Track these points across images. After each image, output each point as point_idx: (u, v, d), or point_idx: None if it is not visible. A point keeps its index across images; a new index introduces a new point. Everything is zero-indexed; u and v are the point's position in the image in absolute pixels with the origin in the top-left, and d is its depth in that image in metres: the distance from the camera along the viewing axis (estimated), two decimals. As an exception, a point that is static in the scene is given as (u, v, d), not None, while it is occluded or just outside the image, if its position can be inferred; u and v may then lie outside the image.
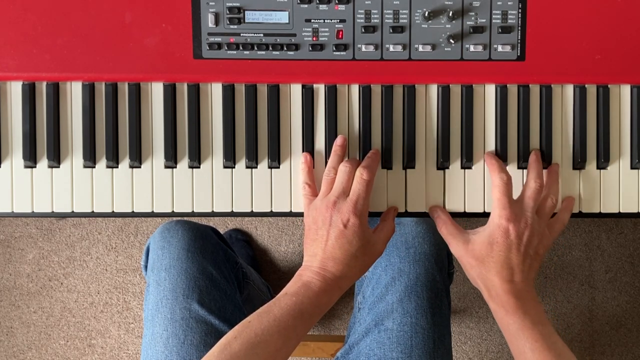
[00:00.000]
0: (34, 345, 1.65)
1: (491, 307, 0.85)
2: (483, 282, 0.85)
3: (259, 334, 0.77)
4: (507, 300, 0.82)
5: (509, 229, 0.83)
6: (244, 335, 0.77)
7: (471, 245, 0.85)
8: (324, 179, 0.86)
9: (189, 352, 0.93)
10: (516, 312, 0.81)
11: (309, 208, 0.85)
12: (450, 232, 0.87)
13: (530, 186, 0.86)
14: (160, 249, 1.01)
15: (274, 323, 0.78)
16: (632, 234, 1.66)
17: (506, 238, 0.83)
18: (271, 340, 0.77)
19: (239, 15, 0.87)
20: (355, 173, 0.84)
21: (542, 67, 0.89)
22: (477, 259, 0.84)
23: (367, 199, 0.84)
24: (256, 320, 0.78)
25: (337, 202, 0.83)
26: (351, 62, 0.88)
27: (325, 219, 0.83)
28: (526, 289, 0.83)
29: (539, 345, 0.79)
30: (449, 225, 0.88)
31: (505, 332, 0.83)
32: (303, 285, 0.82)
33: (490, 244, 0.83)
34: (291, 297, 0.80)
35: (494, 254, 0.83)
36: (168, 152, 0.89)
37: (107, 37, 0.87)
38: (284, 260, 1.65)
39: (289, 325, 0.78)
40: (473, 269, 0.85)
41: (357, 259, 0.83)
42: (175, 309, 0.96)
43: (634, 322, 1.66)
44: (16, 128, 0.89)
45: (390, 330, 0.95)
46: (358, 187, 0.84)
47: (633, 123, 0.91)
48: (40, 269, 1.65)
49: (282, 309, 0.79)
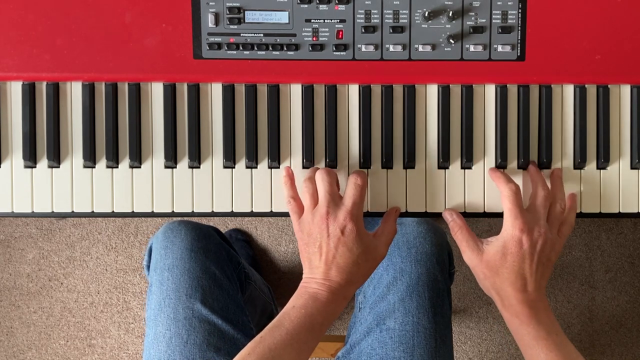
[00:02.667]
0: (34, 345, 1.65)
1: (505, 317, 0.85)
2: (497, 292, 0.85)
3: (272, 349, 0.77)
4: (521, 310, 0.82)
5: (522, 239, 0.83)
6: (257, 351, 0.77)
7: (485, 256, 0.85)
8: (303, 191, 0.85)
9: (192, 351, 0.93)
10: (530, 322, 0.82)
11: (300, 223, 0.85)
12: (466, 238, 0.87)
13: (539, 194, 0.86)
14: (164, 248, 1.01)
15: (286, 337, 0.78)
16: (632, 234, 1.66)
17: (520, 248, 0.83)
18: (285, 354, 0.77)
19: (239, 15, 0.87)
20: (332, 178, 0.84)
21: (542, 67, 0.89)
22: (491, 269, 0.84)
23: (361, 204, 0.84)
24: (268, 335, 0.78)
25: (329, 211, 0.82)
26: (351, 62, 0.88)
27: (321, 230, 0.82)
28: (539, 298, 0.83)
29: (553, 355, 0.80)
30: (465, 232, 0.87)
31: (520, 342, 0.83)
32: (310, 297, 0.82)
33: (504, 254, 0.83)
34: (300, 309, 0.81)
35: (508, 265, 0.83)
36: (168, 152, 0.89)
37: (107, 37, 0.87)
38: (284, 260, 1.65)
39: (301, 338, 0.79)
40: (487, 279, 0.85)
41: (359, 265, 0.83)
42: (178, 309, 0.96)
43: (634, 322, 1.66)
44: (16, 128, 0.89)
45: (392, 329, 0.95)
46: (352, 192, 0.83)
47: (633, 123, 0.91)
48: (40, 269, 1.65)
49: (293, 322, 0.79)
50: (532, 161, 0.90)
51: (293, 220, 0.86)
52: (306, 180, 0.86)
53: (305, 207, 0.85)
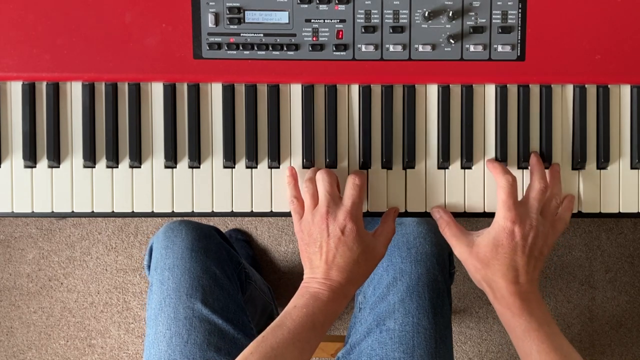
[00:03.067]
0: (34, 345, 1.65)
1: (497, 310, 0.85)
2: (488, 285, 0.85)
3: (275, 348, 0.77)
4: (513, 302, 0.82)
5: (514, 231, 0.82)
6: (260, 350, 0.77)
7: (476, 248, 0.85)
8: (304, 192, 0.86)
9: (192, 351, 0.93)
10: (522, 314, 0.81)
11: (301, 223, 0.85)
12: (454, 233, 0.87)
13: (535, 187, 0.86)
14: (164, 248, 1.01)
15: (288, 336, 0.79)
16: (632, 234, 1.66)
17: (511, 240, 0.82)
18: (287, 353, 0.78)
19: (239, 15, 0.87)
20: (332, 179, 0.85)
21: (542, 67, 0.89)
22: (482, 261, 0.84)
23: (360, 204, 0.84)
24: (270, 335, 0.79)
25: (329, 211, 0.82)
26: (351, 62, 0.88)
27: (321, 230, 0.82)
28: (531, 290, 0.83)
29: (545, 347, 0.79)
30: (452, 227, 0.87)
31: (512, 334, 0.83)
32: (311, 296, 0.82)
33: (496, 246, 0.83)
34: (301, 309, 0.81)
35: (499, 256, 0.83)
36: (168, 152, 0.89)
37: (107, 37, 0.87)
38: (284, 260, 1.65)
39: (303, 337, 0.79)
40: (478, 271, 0.85)
41: (359, 265, 0.83)
42: (179, 308, 0.96)
43: (634, 322, 1.66)
44: (16, 128, 0.89)
45: (392, 330, 0.95)
46: (351, 192, 0.84)
47: (633, 123, 0.91)
48: (40, 269, 1.65)
49: (294, 322, 0.80)
50: (534, 151, 0.90)
51: (294, 220, 0.86)
52: (306, 180, 0.86)
53: (305, 207, 0.85)
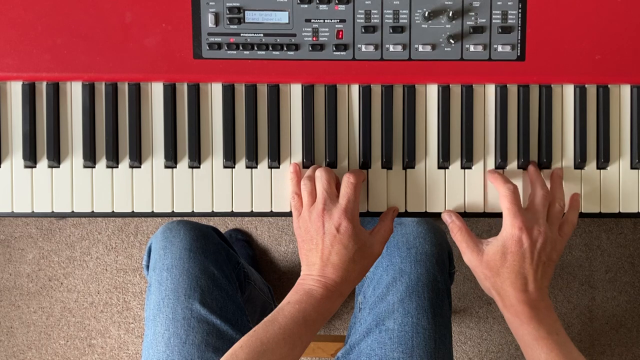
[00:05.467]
0: (34, 345, 1.65)
1: (506, 317, 0.85)
2: (497, 292, 0.85)
3: (264, 342, 0.78)
4: (522, 310, 0.82)
5: (522, 238, 0.82)
6: (250, 344, 0.77)
7: (485, 256, 0.85)
8: (302, 189, 0.86)
9: (190, 351, 0.93)
10: (531, 322, 0.81)
11: (299, 219, 0.86)
12: (465, 239, 0.87)
13: (538, 193, 0.86)
14: (163, 248, 1.01)
15: (279, 331, 0.79)
16: (632, 234, 1.66)
17: (520, 247, 0.82)
18: (277, 348, 0.78)
19: (239, 15, 0.87)
20: (331, 177, 0.85)
21: (542, 67, 0.89)
22: (491, 269, 0.84)
23: (356, 202, 0.84)
24: (262, 329, 0.79)
25: (325, 208, 0.83)
26: (351, 62, 0.88)
27: (317, 227, 0.83)
28: (540, 298, 0.83)
29: (554, 355, 0.79)
30: (464, 233, 0.87)
31: (521, 342, 0.83)
32: (305, 293, 0.82)
33: (504, 254, 0.83)
34: (294, 305, 0.81)
35: (508, 264, 0.83)
36: (168, 152, 0.89)
37: (107, 37, 0.87)
38: (284, 260, 1.65)
39: (294, 333, 0.79)
40: (487, 279, 0.85)
41: (355, 263, 0.83)
42: (177, 309, 0.96)
43: (634, 322, 1.66)
44: (16, 128, 0.89)
45: (392, 330, 0.95)
46: (347, 190, 0.84)
47: (633, 123, 0.91)
48: (40, 269, 1.65)
49: (286, 317, 0.80)
50: (532, 161, 0.90)
51: (294, 216, 0.87)
52: (305, 178, 0.86)
53: (303, 204, 0.86)
